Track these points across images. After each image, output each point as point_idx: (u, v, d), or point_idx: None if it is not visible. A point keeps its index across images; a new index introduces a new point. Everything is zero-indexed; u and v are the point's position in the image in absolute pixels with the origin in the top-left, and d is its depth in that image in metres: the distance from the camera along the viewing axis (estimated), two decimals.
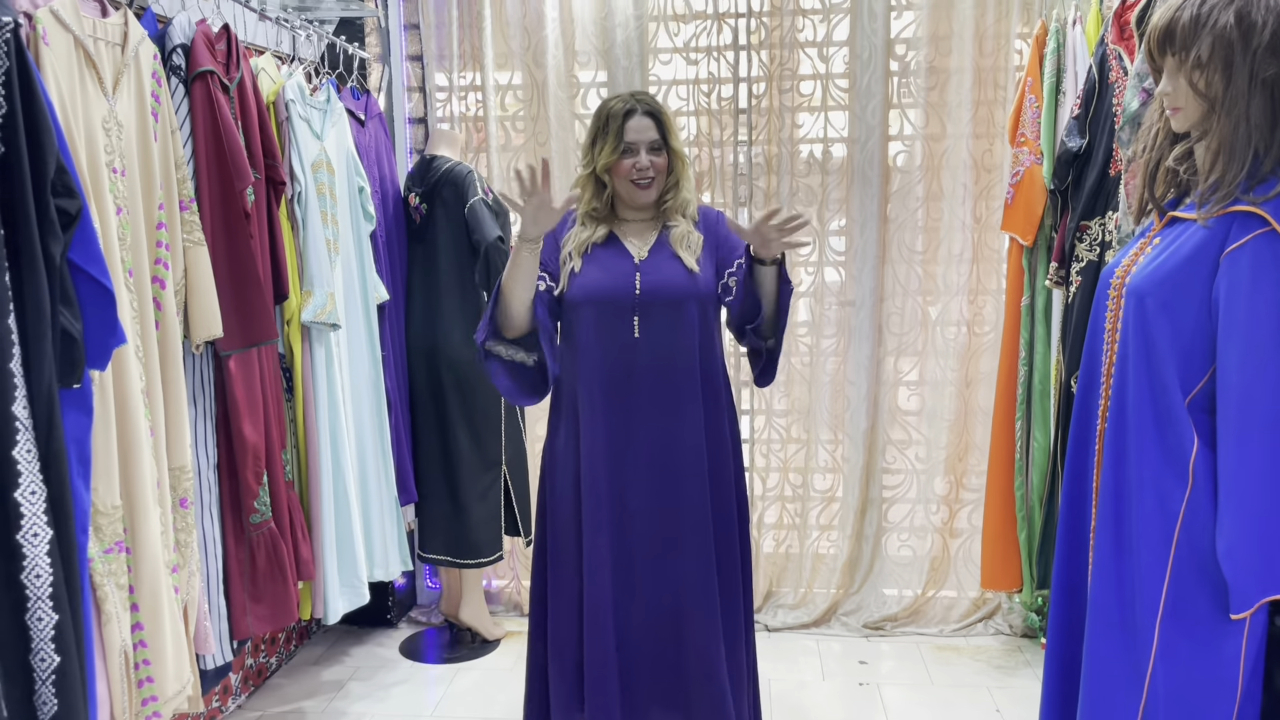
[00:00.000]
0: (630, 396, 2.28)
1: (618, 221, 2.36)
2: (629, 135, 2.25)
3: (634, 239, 2.33)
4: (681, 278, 2.27)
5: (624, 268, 2.29)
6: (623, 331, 2.27)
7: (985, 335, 3.50)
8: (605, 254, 2.31)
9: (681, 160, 2.32)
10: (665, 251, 2.31)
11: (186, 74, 2.33)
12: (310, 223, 2.76)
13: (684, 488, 2.30)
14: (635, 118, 2.26)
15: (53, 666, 1.71)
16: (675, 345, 2.28)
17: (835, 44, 3.46)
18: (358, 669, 3.35)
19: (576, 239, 2.33)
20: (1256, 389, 1.48)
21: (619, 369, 2.28)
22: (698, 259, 2.29)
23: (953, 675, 3.22)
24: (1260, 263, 1.48)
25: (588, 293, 2.28)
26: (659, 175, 2.29)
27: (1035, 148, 3.03)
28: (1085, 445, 1.78)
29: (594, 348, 2.29)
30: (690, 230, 2.32)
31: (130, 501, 2.05)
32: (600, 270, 2.29)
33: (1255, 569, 1.48)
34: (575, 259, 2.31)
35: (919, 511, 3.62)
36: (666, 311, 2.27)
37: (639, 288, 2.27)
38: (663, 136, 2.28)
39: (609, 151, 2.25)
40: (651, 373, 2.27)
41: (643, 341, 2.26)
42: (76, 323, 1.79)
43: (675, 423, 2.29)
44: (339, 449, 2.87)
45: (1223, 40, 1.52)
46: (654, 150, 2.27)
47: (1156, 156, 1.68)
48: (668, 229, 2.33)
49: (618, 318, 2.27)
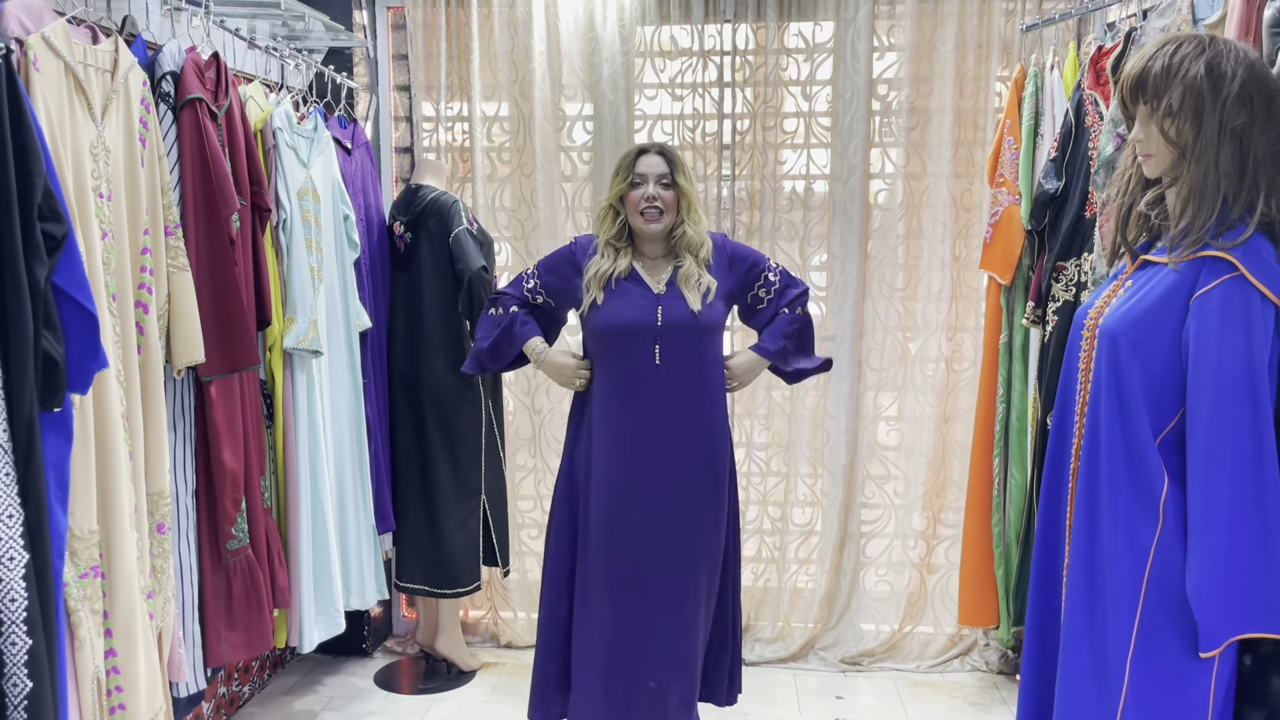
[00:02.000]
0: (650, 412, 2.53)
1: (637, 255, 2.60)
2: (640, 168, 2.54)
3: (650, 274, 2.58)
4: (690, 314, 2.52)
5: (646, 301, 2.54)
6: (645, 357, 2.52)
7: (964, 372, 3.54)
8: (628, 287, 2.56)
9: (689, 199, 2.56)
10: (676, 287, 2.56)
11: (175, 101, 2.35)
12: (295, 250, 2.77)
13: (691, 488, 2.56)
14: (648, 155, 2.56)
15: (25, 692, 1.70)
16: (690, 369, 2.55)
17: (819, 83, 3.51)
18: (331, 699, 3.32)
19: (598, 269, 2.57)
20: (1224, 430, 1.51)
21: (642, 389, 2.53)
22: (704, 299, 2.54)
23: (928, 712, 3.22)
24: (1228, 307, 1.52)
25: (615, 323, 2.54)
26: (667, 209, 2.54)
27: (1013, 188, 3.08)
28: (1059, 483, 1.81)
29: (620, 372, 2.55)
30: (699, 272, 2.56)
31: (107, 526, 2.04)
32: (626, 304, 2.54)
33: (1223, 608, 1.50)
34: (597, 290, 2.56)
35: (897, 546, 3.63)
36: (683, 340, 2.53)
37: (660, 319, 2.52)
38: (671, 173, 2.54)
39: (620, 181, 2.56)
40: (669, 393, 2.53)
41: (663, 367, 2.52)
42: (59, 346, 1.79)
43: (687, 436, 2.54)
44: (318, 476, 2.86)
45: (1193, 90, 1.56)
46: (662, 184, 2.53)
47: (1129, 201, 1.72)
48: (677, 268, 2.57)
49: (641, 345, 2.52)
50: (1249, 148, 1.56)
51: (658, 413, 2.52)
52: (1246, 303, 1.51)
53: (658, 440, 2.53)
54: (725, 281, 2.61)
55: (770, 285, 2.66)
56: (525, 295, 2.67)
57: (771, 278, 2.66)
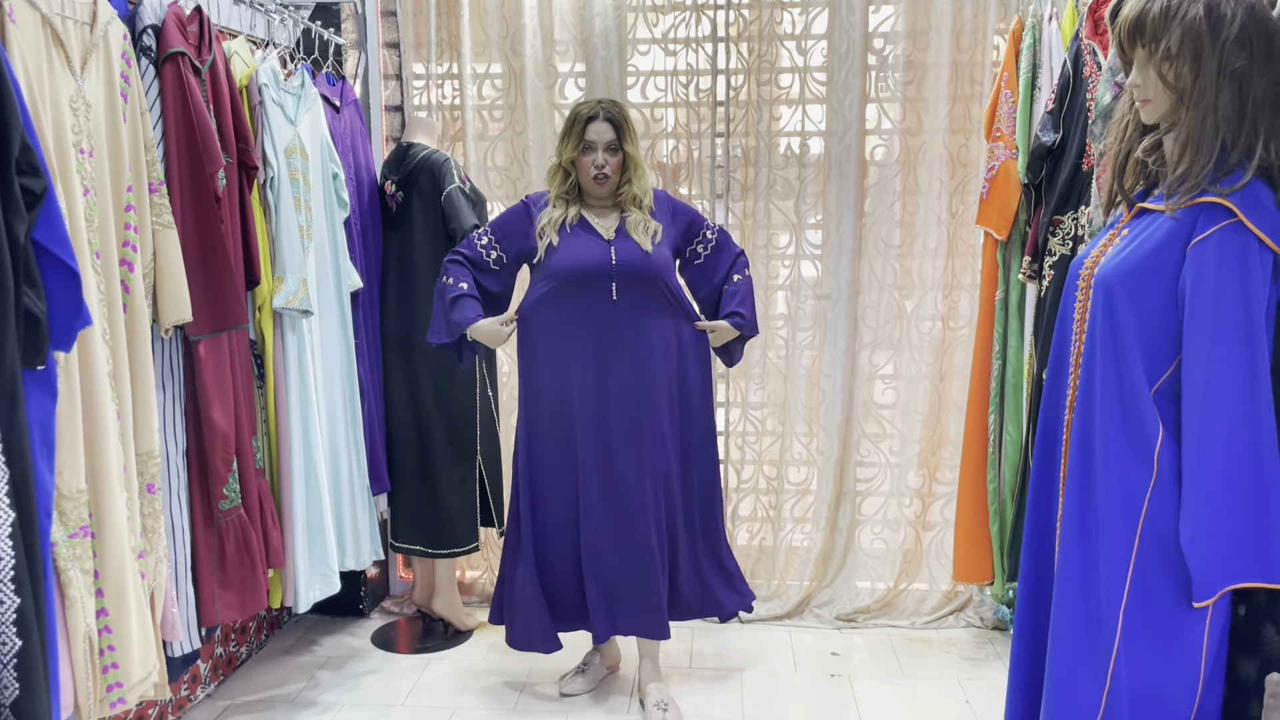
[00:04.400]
0: (611, 344, 2.75)
1: (585, 206, 2.83)
2: (589, 135, 2.75)
3: (599, 221, 2.81)
4: (641, 255, 2.75)
5: (599, 245, 2.77)
6: (603, 296, 2.74)
7: (960, 329, 3.52)
8: (580, 233, 2.79)
9: (635, 161, 2.80)
10: (625, 233, 2.78)
11: (157, 55, 2.31)
12: (283, 208, 2.74)
13: (655, 399, 2.81)
14: (596, 123, 2.75)
15: (14, 650, 1.69)
16: (646, 303, 2.78)
17: (814, 37, 3.46)
18: (328, 658, 3.33)
19: (550, 217, 2.79)
20: (1221, 379, 1.49)
21: (601, 324, 2.75)
22: (653, 240, 2.78)
23: (923, 667, 3.24)
24: (1226, 254, 1.50)
25: (573, 265, 2.74)
26: (614, 173, 2.78)
27: (1010, 142, 3.05)
28: (1053, 436, 1.79)
29: (578, 310, 2.75)
30: (644, 219, 2.79)
31: (96, 486, 2.03)
32: (581, 247, 2.76)
33: (1218, 558, 1.50)
34: (552, 234, 2.78)
35: (892, 504, 3.63)
36: (637, 279, 2.75)
37: (614, 259, 2.74)
38: (619, 139, 2.76)
39: (571, 148, 2.77)
40: (628, 326, 2.76)
41: (620, 302, 2.75)
42: (41, 303, 1.76)
43: (647, 357, 2.78)
44: (310, 437, 2.85)
45: (1192, 32, 1.53)
46: (610, 150, 2.76)
47: (1126, 148, 1.69)
48: (624, 216, 2.80)
49: (599, 285, 2.74)
50: (1248, 91, 1.53)
51: (617, 344, 2.74)
52: (1244, 249, 1.49)
53: (615, 369, 2.75)
54: (669, 229, 2.85)
55: (708, 241, 2.91)
56: (480, 253, 2.84)
57: (709, 235, 2.91)
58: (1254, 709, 1.55)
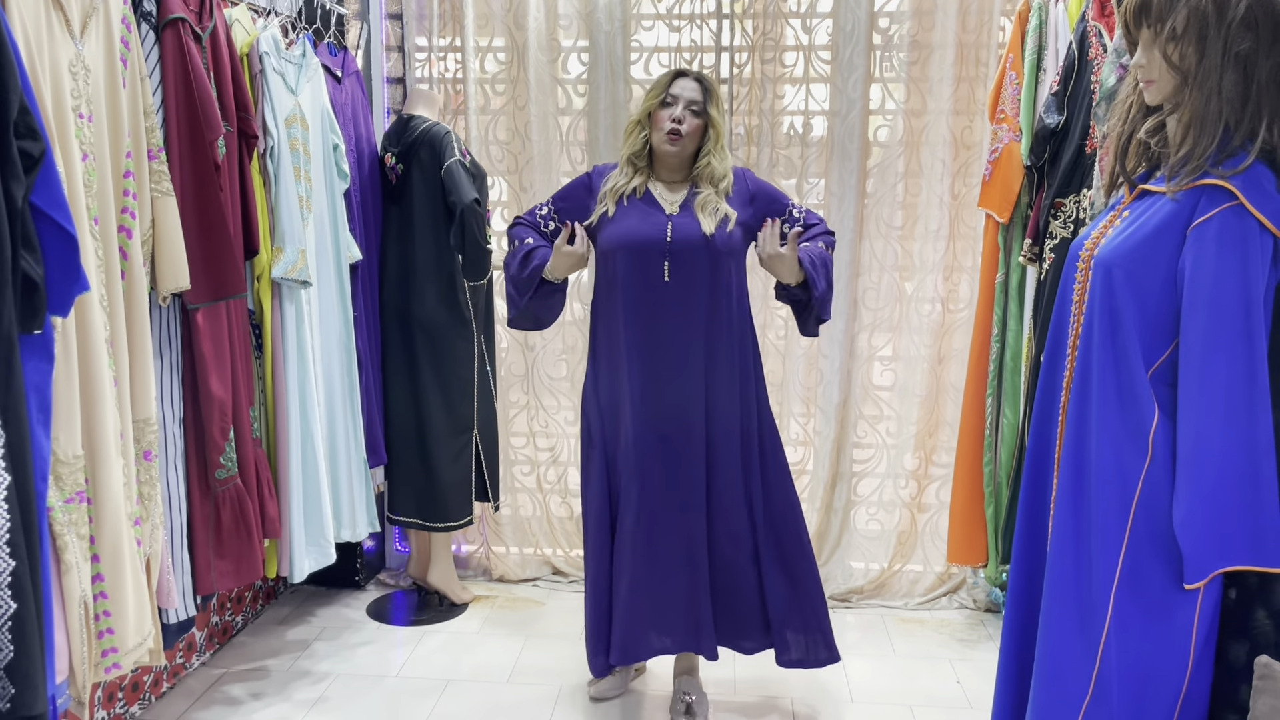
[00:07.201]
0: (660, 331, 2.55)
1: (655, 179, 2.62)
2: (674, 89, 2.54)
3: (667, 195, 2.60)
4: (700, 235, 2.52)
5: (657, 219, 2.55)
6: (655, 274, 2.52)
7: (959, 312, 3.51)
8: (640, 205, 2.58)
9: (718, 130, 2.56)
10: (691, 210, 2.56)
11: (157, 20, 2.29)
12: (282, 178, 2.73)
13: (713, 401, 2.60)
14: (685, 79, 2.56)
15: (9, 613, 1.70)
16: (699, 288, 2.54)
17: (819, 15, 3.44)
18: (324, 629, 3.34)
19: (614, 183, 2.61)
20: (1217, 361, 1.49)
21: (650, 306, 2.54)
22: (720, 224, 2.53)
23: (916, 647, 3.25)
24: (1226, 237, 1.49)
25: (622, 238, 2.55)
26: (690, 134, 2.53)
27: (1014, 124, 3.03)
28: (1049, 417, 1.79)
29: (630, 288, 2.55)
30: (716, 200, 2.55)
31: (92, 452, 2.03)
32: (637, 219, 2.56)
33: (1210, 540, 1.50)
34: (611, 202, 2.59)
35: (888, 486, 3.64)
36: (693, 259, 2.52)
37: (670, 236, 2.52)
38: (704, 101, 2.54)
39: (651, 98, 2.56)
40: (678, 311, 2.53)
41: (673, 284, 2.52)
42: (38, 267, 1.75)
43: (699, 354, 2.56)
44: (308, 407, 2.85)
45: (1198, 13, 1.52)
46: (692, 109, 2.53)
47: (1129, 129, 1.68)
48: (694, 192, 2.58)
49: (650, 262, 2.52)
50: (1253, 73, 1.52)
51: (668, 332, 2.54)
52: (1244, 232, 1.48)
53: (670, 360, 2.55)
54: (743, 214, 2.60)
55: (795, 221, 2.65)
56: (538, 221, 2.70)
57: (796, 214, 2.66)
58: (1243, 692, 1.55)
